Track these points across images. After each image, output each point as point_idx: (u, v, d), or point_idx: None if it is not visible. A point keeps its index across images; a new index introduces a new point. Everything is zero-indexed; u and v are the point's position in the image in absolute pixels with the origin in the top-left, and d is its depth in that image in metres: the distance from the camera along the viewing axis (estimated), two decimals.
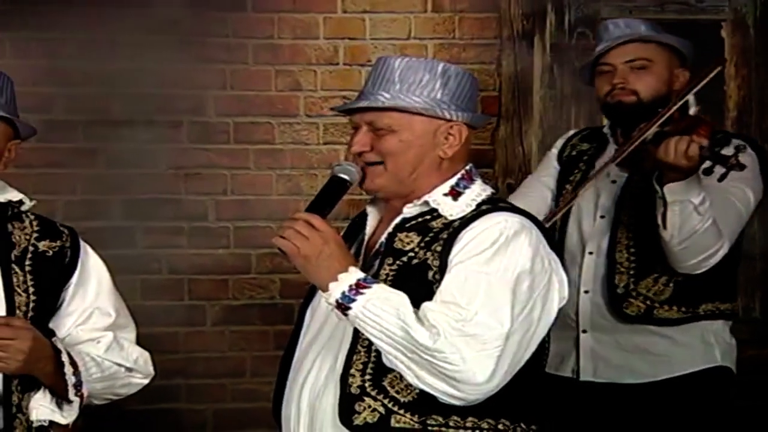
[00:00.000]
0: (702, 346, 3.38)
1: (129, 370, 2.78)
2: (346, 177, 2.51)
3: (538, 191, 3.59)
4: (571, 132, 3.76)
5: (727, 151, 3.03)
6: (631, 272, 3.34)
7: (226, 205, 4.56)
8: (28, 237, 2.71)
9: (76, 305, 2.74)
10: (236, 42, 4.52)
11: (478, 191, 2.54)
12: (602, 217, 3.42)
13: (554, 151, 3.66)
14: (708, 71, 3.31)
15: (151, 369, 2.83)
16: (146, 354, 2.82)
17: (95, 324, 2.75)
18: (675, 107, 3.25)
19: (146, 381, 2.84)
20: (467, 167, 2.56)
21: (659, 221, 3.15)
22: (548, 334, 2.49)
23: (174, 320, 4.47)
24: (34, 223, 2.75)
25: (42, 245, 2.71)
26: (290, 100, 4.56)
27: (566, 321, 3.41)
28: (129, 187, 4.46)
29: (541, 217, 3.42)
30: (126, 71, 4.40)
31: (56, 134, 4.40)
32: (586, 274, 3.42)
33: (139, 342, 2.86)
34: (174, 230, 4.52)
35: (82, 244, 2.79)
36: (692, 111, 3.32)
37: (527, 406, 2.47)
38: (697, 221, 3.12)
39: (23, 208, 2.75)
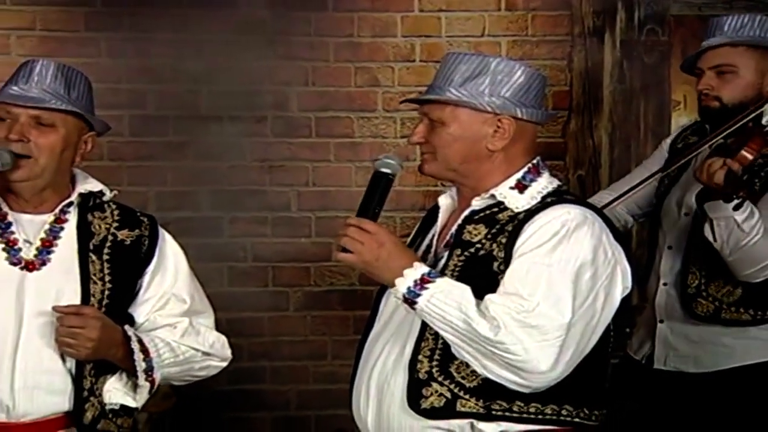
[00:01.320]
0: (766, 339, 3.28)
1: (206, 354, 2.75)
2: (388, 171, 2.48)
3: (641, 178, 3.53)
4: (689, 122, 3.65)
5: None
6: (703, 273, 3.26)
7: (308, 196, 4.56)
8: (108, 226, 2.70)
9: (153, 292, 2.72)
10: (318, 40, 4.52)
11: (544, 184, 2.49)
12: (686, 214, 3.34)
13: (668, 140, 3.56)
14: None
15: (228, 353, 2.81)
16: (223, 338, 2.80)
17: (171, 310, 2.73)
18: (743, 121, 3.14)
19: (224, 364, 2.82)
20: (534, 160, 2.52)
21: (707, 234, 3.10)
22: (613, 322, 2.44)
23: (259, 305, 4.49)
24: (116, 212, 2.74)
25: (121, 234, 2.70)
26: (369, 95, 4.55)
27: (650, 309, 3.40)
28: (216, 178, 4.49)
29: (648, 204, 3.43)
30: (214, 69, 4.42)
31: (148, 129, 4.45)
32: (664, 267, 3.37)
33: (226, 326, 2.84)
34: (259, 220, 4.53)
35: (161, 231, 2.77)
36: (765, 120, 3.18)
37: (590, 392, 2.43)
38: (743, 237, 3.04)
39: (105, 198, 2.74)
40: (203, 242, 2.86)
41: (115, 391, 2.62)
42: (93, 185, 2.72)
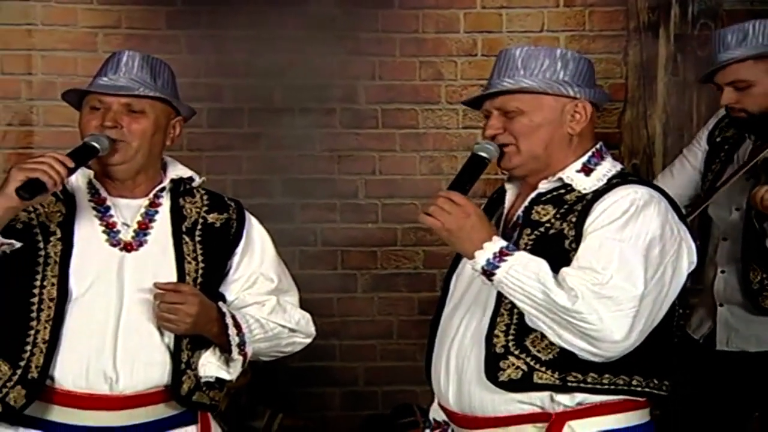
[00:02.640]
0: None
1: (292, 330, 2.75)
2: (485, 155, 2.46)
3: (684, 173, 3.49)
4: (724, 111, 3.51)
5: None
6: (764, 267, 3.22)
7: (375, 184, 4.57)
8: (198, 210, 2.71)
9: (242, 272, 2.72)
10: (385, 36, 4.53)
11: (608, 167, 2.48)
12: (737, 209, 3.30)
13: (706, 132, 3.50)
14: None
15: (312, 329, 2.80)
16: (308, 316, 2.80)
17: (260, 289, 2.73)
18: None
19: (308, 340, 2.81)
20: (597, 145, 2.50)
21: None
22: (678, 298, 2.42)
23: (328, 287, 4.50)
24: (204, 197, 2.75)
25: (210, 217, 2.71)
26: (433, 88, 4.56)
27: (708, 292, 3.37)
28: (288, 167, 4.51)
29: (688, 196, 3.39)
30: (286, 64, 4.45)
31: (224, 121, 4.49)
32: (720, 257, 3.34)
33: (300, 306, 2.84)
34: (328, 207, 4.55)
35: (248, 215, 2.78)
36: None
37: (659, 363, 2.42)
38: None
39: (194, 184, 2.75)
40: (276, 227, 2.86)
41: (210, 365, 2.62)
42: (183, 171, 2.74)
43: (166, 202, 2.70)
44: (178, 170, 2.74)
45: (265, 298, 2.73)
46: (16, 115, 4.43)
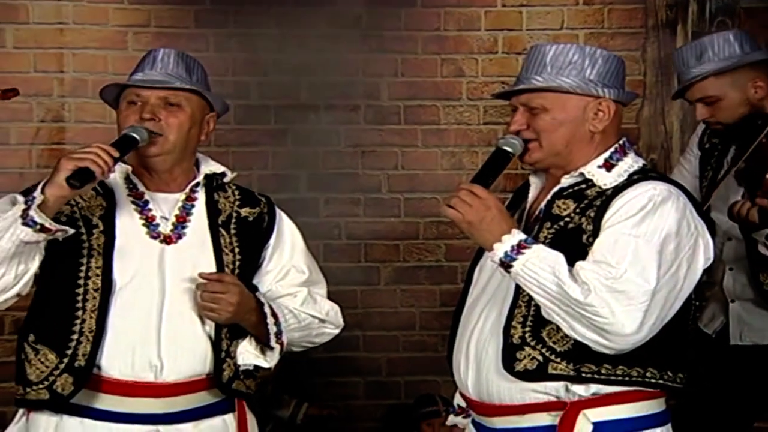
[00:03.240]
0: None
1: (322, 321, 2.80)
2: (509, 149, 2.48)
3: (683, 181, 3.37)
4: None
5: None
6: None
7: (398, 179, 4.62)
8: (231, 204, 2.76)
9: (274, 264, 2.77)
10: (407, 34, 4.57)
11: (630, 163, 2.49)
12: None
13: (696, 139, 3.52)
14: None
15: (341, 320, 2.85)
16: (336, 307, 2.84)
17: (292, 280, 2.78)
18: (756, 142, 3.07)
19: (337, 331, 2.85)
20: (621, 141, 2.52)
21: (762, 250, 3.11)
22: (694, 292, 2.44)
23: (352, 280, 4.54)
24: (236, 192, 2.79)
25: (243, 211, 2.76)
26: (454, 85, 4.59)
27: (719, 288, 3.41)
28: (313, 163, 4.56)
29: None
30: (312, 61, 4.50)
31: (251, 117, 4.53)
32: (727, 256, 3.37)
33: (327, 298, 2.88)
34: (352, 201, 4.60)
35: (278, 210, 2.83)
36: None
37: (673, 356, 2.44)
38: None
39: (226, 179, 2.79)
40: (301, 221, 2.90)
41: (248, 354, 2.66)
42: (216, 167, 2.79)
43: (201, 196, 2.74)
44: (210, 166, 2.79)
45: (296, 290, 2.78)
46: (48, 112, 4.49)
